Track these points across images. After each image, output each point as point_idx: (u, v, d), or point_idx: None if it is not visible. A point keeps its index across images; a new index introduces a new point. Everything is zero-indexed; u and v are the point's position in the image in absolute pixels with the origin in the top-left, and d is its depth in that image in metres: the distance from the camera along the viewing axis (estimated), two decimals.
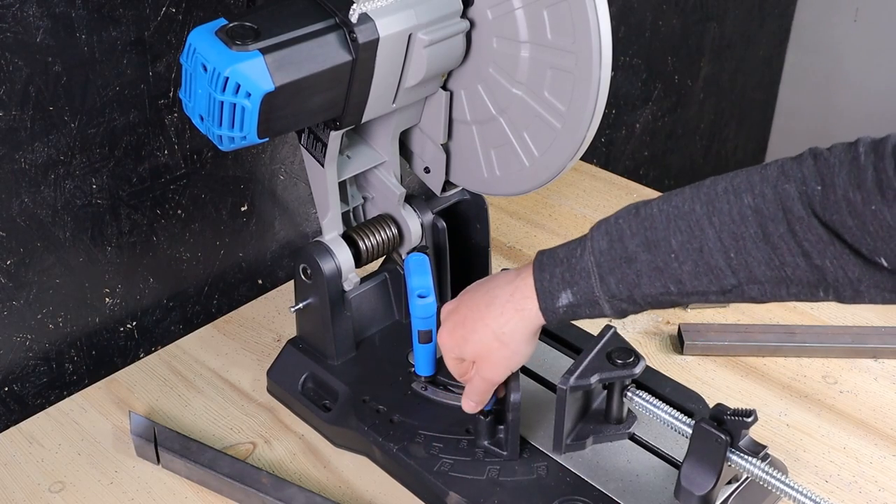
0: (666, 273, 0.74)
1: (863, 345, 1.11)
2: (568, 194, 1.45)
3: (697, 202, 0.73)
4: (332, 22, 0.83)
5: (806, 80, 2.28)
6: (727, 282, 0.72)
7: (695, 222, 0.72)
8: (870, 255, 0.67)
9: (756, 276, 0.71)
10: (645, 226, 0.74)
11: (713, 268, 0.72)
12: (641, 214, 0.75)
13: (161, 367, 1.14)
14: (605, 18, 0.81)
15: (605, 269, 0.76)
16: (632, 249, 0.75)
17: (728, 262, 0.71)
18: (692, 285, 0.73)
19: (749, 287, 0.72)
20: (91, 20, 1.00)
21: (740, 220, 0.70)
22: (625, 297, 0.76)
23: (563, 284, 0.78)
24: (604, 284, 0.76)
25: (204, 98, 0.82)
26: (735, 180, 0.72)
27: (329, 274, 0.99)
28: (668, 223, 0.73)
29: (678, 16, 1.86)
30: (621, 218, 0.76)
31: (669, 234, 0.73)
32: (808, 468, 0.98)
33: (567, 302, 0.78)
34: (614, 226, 0.76)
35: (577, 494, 0.89)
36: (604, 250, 0.76)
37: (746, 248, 0.70)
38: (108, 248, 1.12)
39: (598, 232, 0.77)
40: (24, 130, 0.99)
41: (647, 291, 0.75)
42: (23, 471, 0.99)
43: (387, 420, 0.98)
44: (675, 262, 0.73)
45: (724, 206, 0.71)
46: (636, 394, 0.91)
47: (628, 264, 0.75)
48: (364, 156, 1.01)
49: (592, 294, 0.77)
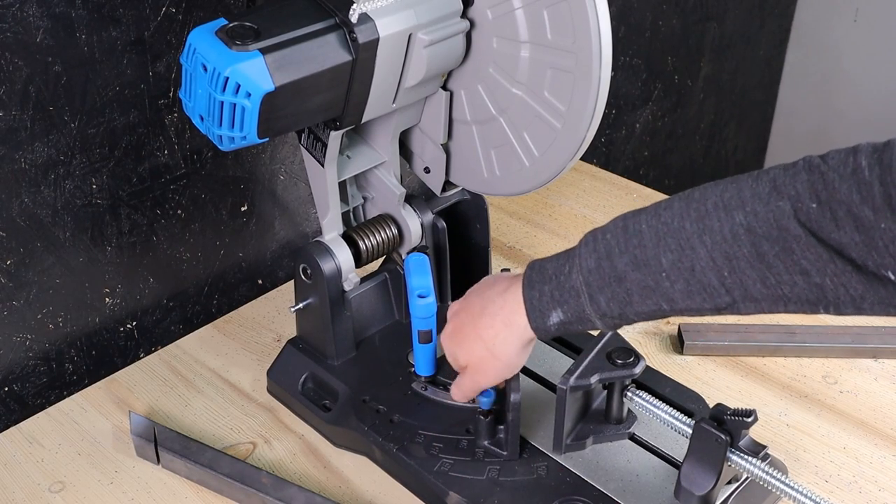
0: (657, 292, 0.71)
1: (863, 345, 1.11)
2: (568, 194, 1.45)
3: (687, 219, 0.70)
4: (332, 22, 0.83)
5: (806, 80, 2.28)
6: (721, 300, 0.70)
7: (685, 240, 0.69)
8: (877, 269, 0.64)
9: (752, 295, 0.69)
10: (633, 243, 0.72)
11: (706, 286, 0.69)
12: (630, 230, 0.73)
13: (161, 367, 1.14)
14: (605, 18, 0.81)
15: (594, 287, 0.74)
16: (621, 268, 0.72)
17: (722, 282, 0.69)
18: (685, 303, 0.71)
19: (745, 305, 0.70)
20: (91, 20, 1.00)
21: (732, 240, 0.68)
22: (616, 314, 0.74)
23: (552, 303, 0.76)
24: (594, 303, 0.74)
25: (204, 98, 0.82)
26: (725, 195, 0.69)
27: (329, 274, 0.99)
28: (658, 241, 0.71)
29: (678, 16, 1.86)
30: (609, 233, 0.74)
31: (659, 252, 0.71)
32: (808, 468, 0.98)
33: (558, 320, 0.77)
34: (602, 242, 0.74)
35: (577, 494, 0.89)
36: (592, 269, 0.74)
37: (740, 268, 0.68)
38: (108, 248, 1.12)
39: (587, 249, 0.75)
40: (24, 130, 0.99)
41: (638, 309, 0.73)
42: (23, 471, 0.99)
43: (387, 420, 0.98)
44: (667, 282, 0.71)
45: (714, 223, 0.68)
46: (636, 394, 0.91)
47: (618, 283, 0.73)
48: (364, 156, 1.01)
49: (583, 313, 0.75)
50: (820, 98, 2.26)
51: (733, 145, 2.29)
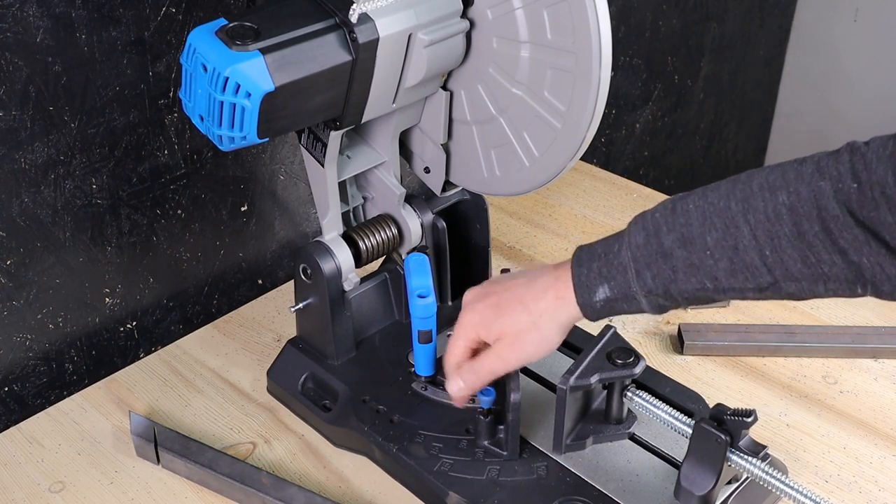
0: (702, 270, 0.73)
1: (863, 345, 1.11)
2: (568, 194, 1.45)
3: (733, 199, 0.72)
4: (332, 22, 0.83)
5: (806, 80, 2.28)
6: (763, 279, 0.72)
7: (730, 220, 0.72)
8: None
9: (792, 274, 0.71)
10: (680, 222, 0.74)
11: (749, 265, 0.72)
12: (678, 210, 0.75)
13: (161, 367, 1.14)
14: (605, 18, 0.82)
15: (641, 263, 0.76)
16: (668, 245, 0.74)
17: (763, 260, 0.71)
18: (728, 282, 0.73)
19: (786, 284, 0.72)
20: (91, 20, 1.00)
21: (775, 219, 0.70)
22: (661, 292, 0.76)
23: (600, 279, 0.78)
24: (640, 279, 0.76)
25: (204, 98, 0.82)
26: (770, 176, 0.72)
27: (329, 274, 0.99)
28: (704, 220, 0.73)
29: (678, 16, 1.87)
30: (658, 212, 0.76)
31: (705, 230, 0.73)
32: (808, 468, 0.98)
33: (604, 296, 0.78)
34: (651, 220, 0.76)
35: (577, 494, 0.89)
36: (640, 245, 0.76)
37: (782, 247, 0.70)
38: (108, 248, 1.12)
39: (636, 227, 0.77)
40: (24, 130, 0.99)
41: (683, 287, 0.75)
42: (23, 471, 0.99)
43: (387, 420, 0.98)
44: (711, 260, 0.73)
45: (759, 203, 0.71)
46: (636, 394, 0.91)
47: (664, 260, 0.75)
48: (364, 156, 1.01)
49: (629, 288, 0.77)
50: (820, 98, 2.26)
51: (733, 145, 2.29)
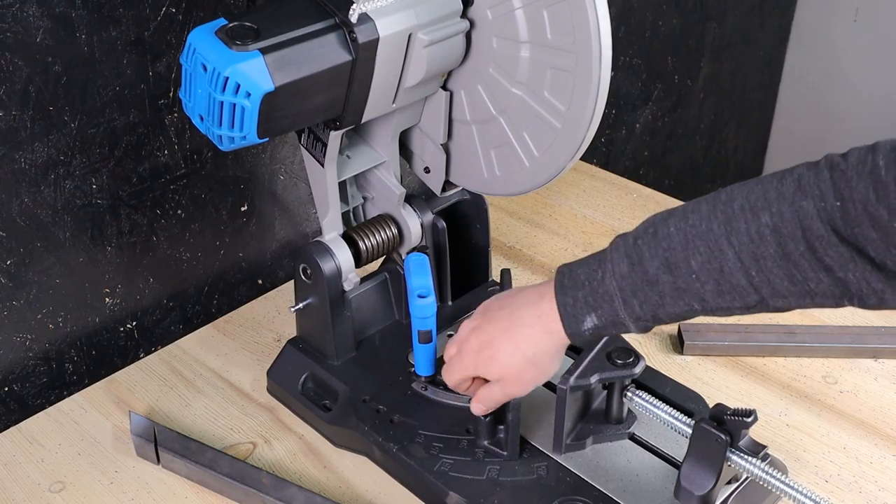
0: (689, 293, 0.73)
1: (863, 345, 1.11)
2: (568, 194, 1.45)
3: (714, 221, 0.72)
4: (332, 22, 0.83)
5: (806, 80, 2.28)
6: (750, 298, 0.72)
7: (713, 242, 0.71)
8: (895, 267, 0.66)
9: (779, 292, 0.71)
10: (663, 246, 0.74)
11: (735, 286, 0.71)
12: (659, 234, 0.74)
13: (161, 367, 1.14)
14: (605, 18, 0.82)
15: (627, 292, 0.75)
16: (652, 272, 0.74)
17: (750, 281, 0.71)
18: (716, 302, 0.73)
19: (773, 301, 0.72)
20: (91, 20, 1.00)
21: (759, 240, 0.70)
22: (649, 317, 0.76)
23: (586, 308, 0.78)
24: (628, 307, 0.76)
25: (204, 98, 0.82)
26: (752, 196, 0.71)
27: (329, 274, 0.99)
28: (687, 243, 0.73)
29: (678, 16, 1.87)
30: (639, 238, 0.75)
31: (689, 254, 0.72)
32: (808, 468, 0.98)
33: (593, 325, 0.78)
34: (633, 248, 0.75)
35: (577, 494, 0.89)
36: (625, 274, 0.75)
37: (767, 267, 0.70)
38: (108, 248, 1.12)
39: (618, 254, 0.76)
40: (24, 130, 0.99)
41: (671, 311, 0.75)
42: (23, 471, 0.99)
43: (387, 420, 0.98)
44: (697, 283, 0.72)
45: (741, 225, 0.70)
46: (636, 394, 0.91)
47: (650, 287, 0.74)
48: (364, 156, 1.01)
49: (617, 316, 0.76)
50: (820, 98, 2.26)
51: (733, 145, 2.29)
